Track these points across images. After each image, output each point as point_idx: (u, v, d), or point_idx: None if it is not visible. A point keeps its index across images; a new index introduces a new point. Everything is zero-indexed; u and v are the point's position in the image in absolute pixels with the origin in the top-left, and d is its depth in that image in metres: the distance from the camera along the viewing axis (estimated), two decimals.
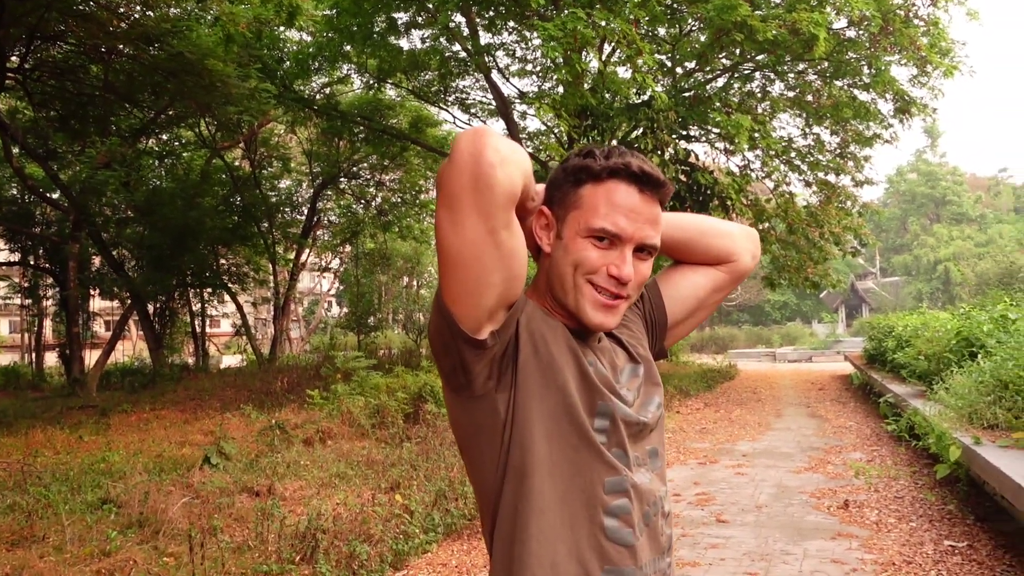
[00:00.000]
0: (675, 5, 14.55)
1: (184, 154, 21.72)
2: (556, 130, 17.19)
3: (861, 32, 13.79)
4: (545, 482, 1.26)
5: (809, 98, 15.99)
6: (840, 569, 4.85)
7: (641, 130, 13.96)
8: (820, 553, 5.20)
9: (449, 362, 1.27)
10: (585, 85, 13.51)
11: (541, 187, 1.39)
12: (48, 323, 26.54)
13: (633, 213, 1.31)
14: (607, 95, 14.34)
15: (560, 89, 14.53)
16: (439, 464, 7.28)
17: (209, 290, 23.04)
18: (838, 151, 17.39)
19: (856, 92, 15.61)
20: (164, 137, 21.15)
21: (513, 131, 16.40)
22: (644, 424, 1.38)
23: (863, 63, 14.69)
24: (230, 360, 27.47)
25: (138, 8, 12.35)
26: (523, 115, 18.69)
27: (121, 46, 12.74)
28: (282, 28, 16.40)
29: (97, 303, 28.20)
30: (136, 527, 5.79)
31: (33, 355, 25.11)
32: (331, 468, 7.61)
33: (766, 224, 17.37)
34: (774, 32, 12.03)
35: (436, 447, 8.16)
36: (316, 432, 9.17)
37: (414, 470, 7.16)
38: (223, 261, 22.49)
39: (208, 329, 25.44)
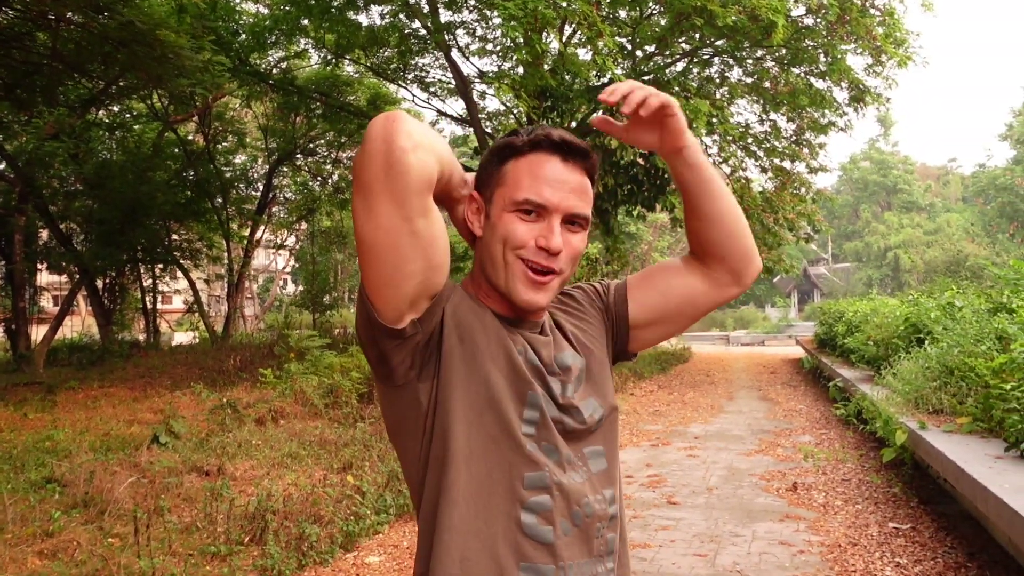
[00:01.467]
0: None
1: (135, 127, 21.20)
2: (516, 111, 17.11)
3: (819, 20, 13.94)
4: (461, 474, 1.23)
5: (767, 85, 16.13)
6: (787, 551, 4.92)
7: (600, 112, 13.95)
8: (768, 535, 5.28)
9: (373, 352, 1.26)
10: (545, 66, 13.46)
11: (471, 175, 1.37)
12: None
13: (558, 183, 1.29)
14: (567, 76, 14.30)
15: (520, 69, 14.47)
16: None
17: (161, 266, 22.62)
18: (794, 138, 17.60)
19: (812, 80, 15.79)
20: (115, 109, 20.59)
21: (472, 111, 16.29)
22: (573, 427, 1.32)
23: (820, 51, 14.85)
24: (182, 337, 27.04)
25: None
26: (483, 95, 18.58)
27: (69, 13, 12.35)
28: (238, 0, 16.08)
29: (45, 277, 27.54)
30: (81, 507, 5.67)
31: None
32: (283, 448, 7.53)
33: None
34: (733, 18, 12.08)
35: None
36: (268, 411, 9.06)
37: (367, 450, 7.13)
38: (175, 237, 22.06)
39: (159, 305, 24.96)
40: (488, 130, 17.73)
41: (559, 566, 1.25)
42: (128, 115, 21.13)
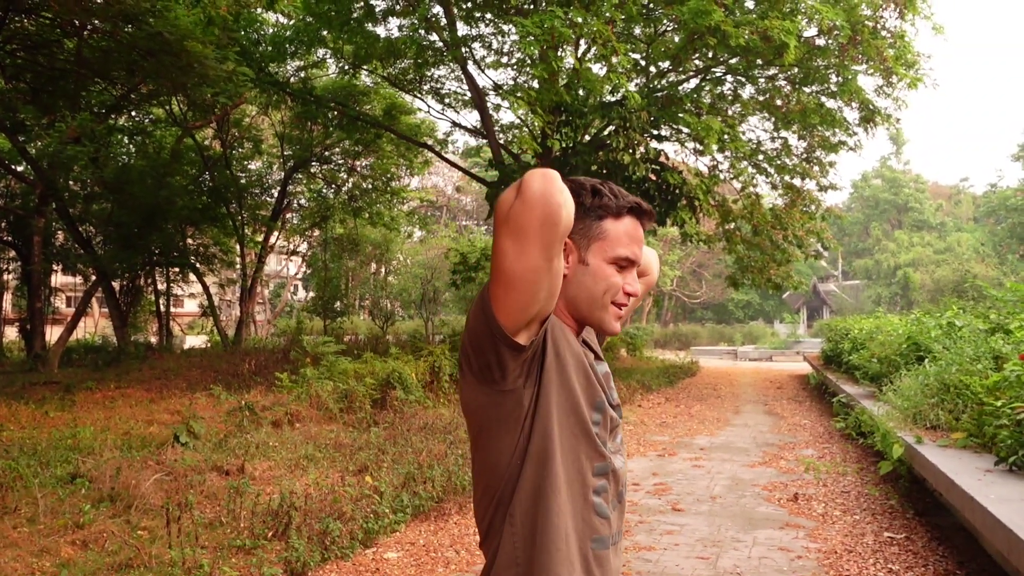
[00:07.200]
0: (651, 5, 14.80)
1: (155, 132, 21.53)
2: (530, 124, 17.36)
3: (830, 41, 14.15)
4: (560, 466, 1.50)
5: (778, 103, 16.34)
6: (786, 556, 5.13)
7: (613, 128, 14.20)
8: (768, 541, 5.49)
9: (485, 360, 1.48)
10: (560, 81, 13.70)
11: None
12: (8, 297, 26.19)
13: (639, 243, 1.62)
14: (581, 92, 14.56)
15: (535, 83, 14.73)
16: (407, 449, 7.48)
17: (175, 270, 22.91)
18: (804, 156, 17.78)
19: (824, 99, 15.99)
20: (135, 114, 20.95)
21: (487, 123, 16.57)
22: (616, 420, 1.64)
23: (831, 71, 15.07)
24: (194, 340, 27.32)
25: None
26: (497, 107, 18.84)
27: (97, 22, 12.68)
28: (260, 10, 16.39)
29: (59, 279, 27.87)
30: (108, 501, 5.89)
31: None
32: (300, 450, 7.77)
33: (732, 225, 17.74)
34: (746, 38, 12.32)
35: (403, 432, 8.36)
36: (285, 414, 9.29)
37: (382, 454, 7.35)
38: (191, 241, 22.33)
39: (172, 309, 25.26)
40: (502, 142, 18.00)
41: (611, 535, 1.57)
42: (148, 120, 21.47)
